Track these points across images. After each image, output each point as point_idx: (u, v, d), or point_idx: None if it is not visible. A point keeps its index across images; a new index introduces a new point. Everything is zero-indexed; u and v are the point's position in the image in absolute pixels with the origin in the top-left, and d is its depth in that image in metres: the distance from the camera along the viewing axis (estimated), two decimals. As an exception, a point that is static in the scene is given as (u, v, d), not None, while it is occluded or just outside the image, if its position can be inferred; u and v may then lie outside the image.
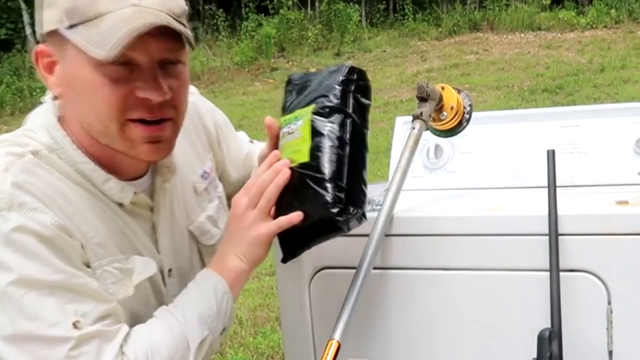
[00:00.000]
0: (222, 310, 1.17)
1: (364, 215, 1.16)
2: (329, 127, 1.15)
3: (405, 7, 13.58)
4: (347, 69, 1.21)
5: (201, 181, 1.32)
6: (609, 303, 1.24)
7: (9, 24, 14.00)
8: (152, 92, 1.07)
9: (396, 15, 14.02)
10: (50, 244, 1.04)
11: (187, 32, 1.07)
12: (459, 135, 1.51)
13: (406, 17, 13.44)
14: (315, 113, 1.17)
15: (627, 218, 1.25)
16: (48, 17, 1.05)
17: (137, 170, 1.19)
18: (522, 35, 11.99)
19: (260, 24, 13.34)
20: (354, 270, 1.28)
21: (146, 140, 1.10)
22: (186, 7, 1.13)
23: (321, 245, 1.34)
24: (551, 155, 1.39)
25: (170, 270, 1.25)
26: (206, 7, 14.12)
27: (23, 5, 13.03)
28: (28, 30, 13.02)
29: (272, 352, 3.39)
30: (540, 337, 1.18)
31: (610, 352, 1.25)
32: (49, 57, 1.08)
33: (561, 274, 1.22)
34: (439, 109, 1.42)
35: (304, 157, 1.15)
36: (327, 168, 1.13)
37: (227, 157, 1.45)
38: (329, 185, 1.12)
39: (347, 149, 1.15)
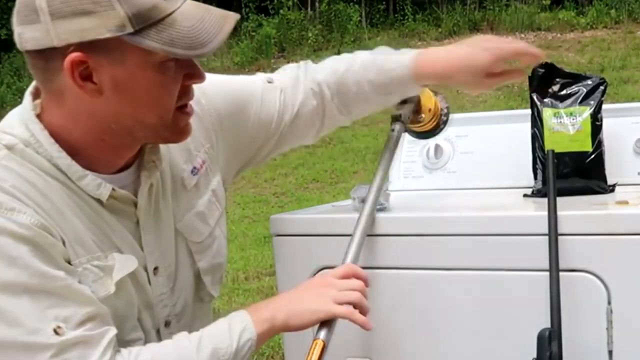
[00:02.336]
0: (240, 354, 1.14)
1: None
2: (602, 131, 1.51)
3: (405, 7, 13.57)
4: (605, 84, 1.54)
5: (191, 177, 1.28)
6: (609, 303, 1.24)
7: (10, 25, 13.98)
8: (199, 79, 1.12)
9: (396, 15, 14.00)
10: (30, 245, 1.02)
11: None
12: (458, 135, 1.51)
13: (406, 17, 13.43)
14: (594, 118, 1.50)
15: (627, 218, 1.25)
16: (85, 26, 1.00)
17: (119, 164, 1.17)
18: (522, 36, 11.96)
19: (260, 24, 13.33)
20: (354, 270, 1.28)
21: (187, 122, 1.15)
22: None
23: (321, 245, 1.34)
24: (551, 155, 1.39)
25: (156, 268, 1.22)
26: (206, 7, 14.12)
27: (23, 6, 13.03)
28: (28, 31, 13.00)
29: (272, 352, 3.39)
30: (540, 337, 1.18)
31: (610, 352, 1.25)
32: (83, 64, 1.03)
33: (561, 274, 1.22)
34: (417, 111, 1.43)
35: (588, 148, 1.49)
36: (605, 161, 1.51)
37: (241, 138, 1.37)
38: (606, 177, 1.51)
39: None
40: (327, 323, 1.17)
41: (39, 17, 1.01)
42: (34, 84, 1.14)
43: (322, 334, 1.16)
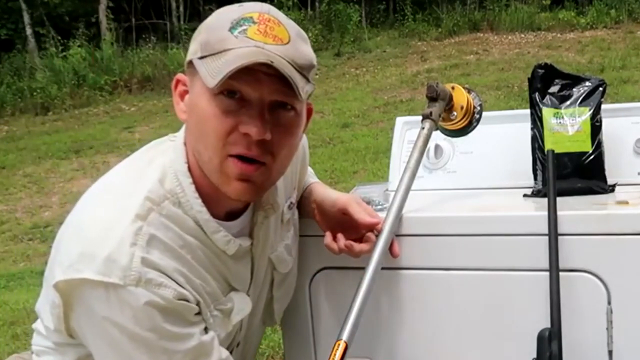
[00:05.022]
0: None
1: None
2: (601, 131, 1.52)
3: (405, 7, 13.58)
4: (605, 85, 1.54)
5: (287, 211, 1.35)
6: (609, 303, 1.24)
7: (10, 24, 13.98)
8: (252, 128, 1.08)
9: (396, 15, 14.01)
10: (171, 315, 1.10)
11: (300, 80, 1.09)
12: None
13: (406, 17, 13.44)
14: (593, 118, 1.50)
15: (627, 218, 1.25)
16: (190, 50, 1.13)
17: (237, 208, 1.22)
18: (522, 36, 11.97)
19: (260, 24, 13.32)
20: (354, 270, 1.28)
21: (238, 177, 1.12)
22: (314, 62, 1.15)
23: (322, 246, 1.34)
24: (551, 155, 1.39)
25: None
26: (206, 7, 14.12)
27: (24, 6, 13.02)
28: (29, 31, 13.00)
29: (272, 352, 3.39)
30: (540, 337, 1.18)
31: (610, 352, 1.25)
32: (184, 85, 1.16)
33: (561, 274, 1.22)
34: (449, 108, 1.42)
35: (587, 148, 1.49)
36: (605, 162, 1.51)
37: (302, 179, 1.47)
38: (606, 177, 1.51)
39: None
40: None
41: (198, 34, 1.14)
42: None
43: (345, 334, 1.16)
